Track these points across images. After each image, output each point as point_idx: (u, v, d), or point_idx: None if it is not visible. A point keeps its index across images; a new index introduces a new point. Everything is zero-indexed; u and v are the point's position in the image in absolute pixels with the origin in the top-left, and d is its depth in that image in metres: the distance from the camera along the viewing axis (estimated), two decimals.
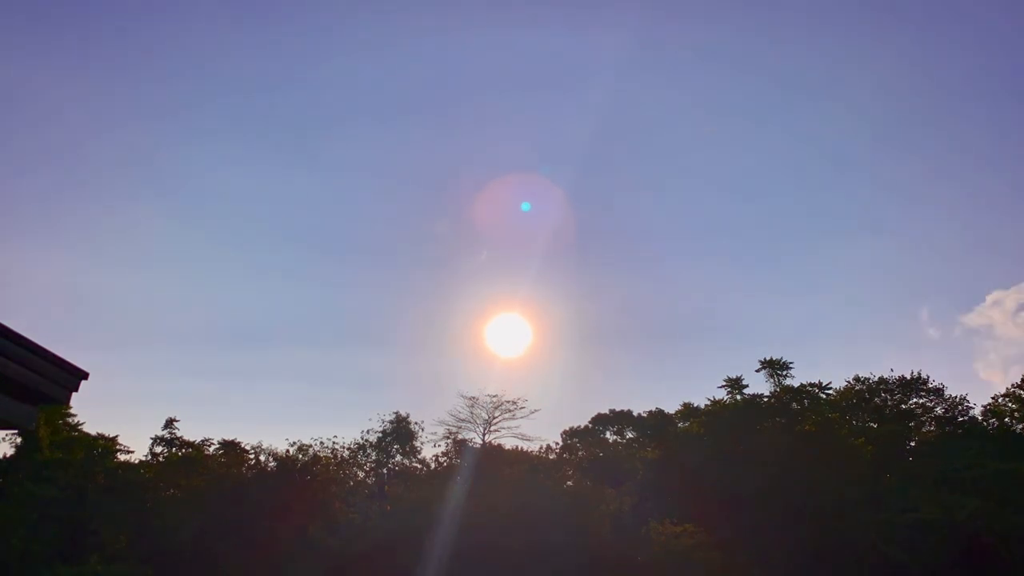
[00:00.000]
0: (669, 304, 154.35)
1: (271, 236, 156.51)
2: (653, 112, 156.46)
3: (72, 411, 48.47)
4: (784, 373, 66.63)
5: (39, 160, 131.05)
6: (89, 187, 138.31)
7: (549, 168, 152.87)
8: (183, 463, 50.98)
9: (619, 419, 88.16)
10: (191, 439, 63.91)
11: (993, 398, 63.94)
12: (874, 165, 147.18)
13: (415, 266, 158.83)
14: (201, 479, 42.94)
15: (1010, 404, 62.62)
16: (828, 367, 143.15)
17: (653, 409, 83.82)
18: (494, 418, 73.32)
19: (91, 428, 50.70)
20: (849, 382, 69.22)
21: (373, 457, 64.91)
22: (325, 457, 46.35)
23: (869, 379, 68.58)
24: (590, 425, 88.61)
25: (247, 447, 54.55)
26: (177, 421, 65.06)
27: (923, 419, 65.44)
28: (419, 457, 67.11)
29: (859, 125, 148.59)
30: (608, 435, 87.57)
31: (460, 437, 72.60)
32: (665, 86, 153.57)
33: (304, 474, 43.03)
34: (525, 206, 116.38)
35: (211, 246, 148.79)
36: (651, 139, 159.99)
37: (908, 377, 67.26)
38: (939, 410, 65.17)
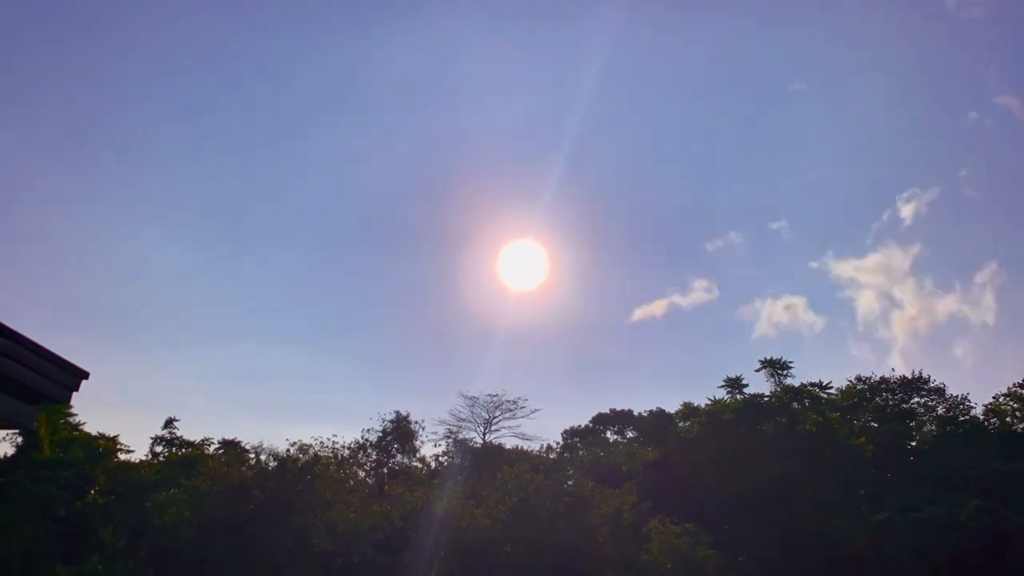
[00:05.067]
0: (668, 303, 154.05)
1: (270, 233, 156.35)
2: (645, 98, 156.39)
3: (72, 411, 48.44)
4: (784, 373, 66.61)
5: (39, 160, 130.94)
6: (89, 186, 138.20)
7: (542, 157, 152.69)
8: (183, 463, 50.90)
9: (619, 419, 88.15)
10: (191, 439, 64.00)
11: (994, 397, 63.98)
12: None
13: (415, 262, 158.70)
14: (201, 479, 42.81)
15: (1011, 403, 62.61)
16: (829, 366, 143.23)
17: (653, 409, 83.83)
18: (494, 418, 73.37)
19: (91, 428, 50.75)
20: (850, 382, 69.22)
21: (373, 457, 64.85)
22: (325, 457, 46.23)
23: (870, 379, 68.60)
24: (591, 425, 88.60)
25: (247, 447, 54.53)
26: (177, 421, 65.18)
27: (924, 418, 65.41)
28: (419, 457, 67.10)
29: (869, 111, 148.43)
30: (609, 435, 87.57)
31: (460, 437, 72.62)
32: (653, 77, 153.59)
33: (304, 474, 42.92)
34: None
35: (211, 244, 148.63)
36: (650, 131, 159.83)
37: (909, 377, 67.28)
38: (940, 409, 65.15)
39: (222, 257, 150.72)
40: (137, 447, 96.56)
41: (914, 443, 63.00)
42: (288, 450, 45.00)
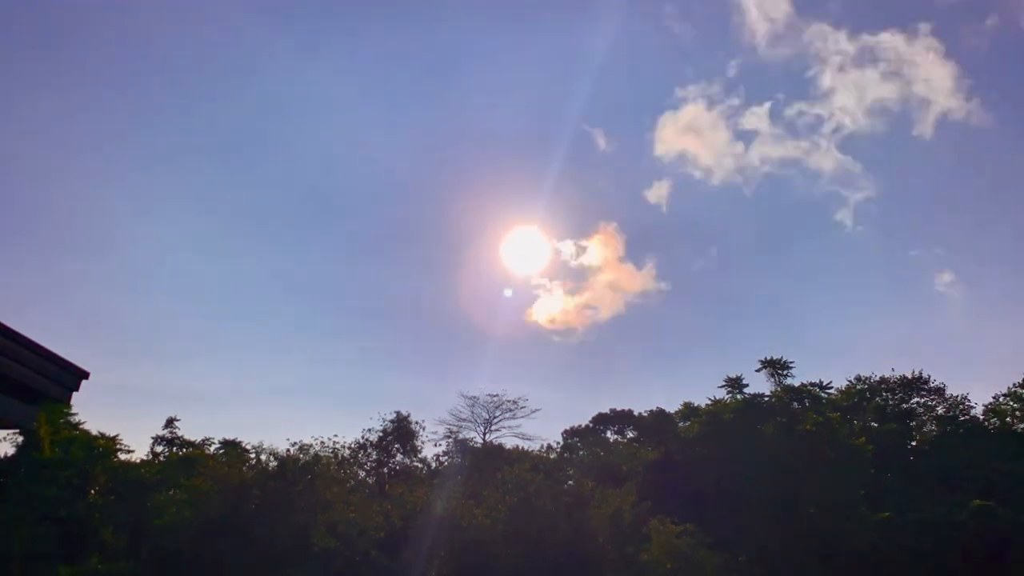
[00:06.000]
0: (669, 303, 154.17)
1: (270, 232, 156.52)
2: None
3: (73, 410, 48.44)
4: (784, 373, 66.66)
5: (39, 156, 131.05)
6: (89, 184, 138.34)
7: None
8: (184, 463, 50.93)
9: (620, 419, 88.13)
10: (192, 438, 64.08)
11: (994, 397, 64.16)
12: None
13: (414, 261, 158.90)
14: (202, 479, 42.84)
15: (1011, 403, 62.70)
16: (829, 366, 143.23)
17: (654, 409, 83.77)
18: (494, 417, 73.50)
19: (91, 428, 50.72)
20: (850, 382, 69.36)
21: (374, 457, 64.88)
22: (326, 457, 46.25)
23: (870, 378, 68.73)
24: (591, 425, 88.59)
25: (248, 447, 54.55)
26: (177, 420, 65.27)
27: (924, 418, 65.58)
28: (420, 457, 67.12)
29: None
30: (609, 435, 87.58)
31: (460, 437, 72.71)
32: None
33: (305, 474, 42.94)
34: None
35: (210, 241, 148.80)
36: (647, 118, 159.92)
37: (909, 376, 67.38)
38: (940, 409, 65.31)
39: (221, 254, 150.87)
40: (137, 447, 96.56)
41: (914, 443, 63.12)
42: (288, 450, 45.01)
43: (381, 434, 64.84)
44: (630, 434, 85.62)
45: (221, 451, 59.44)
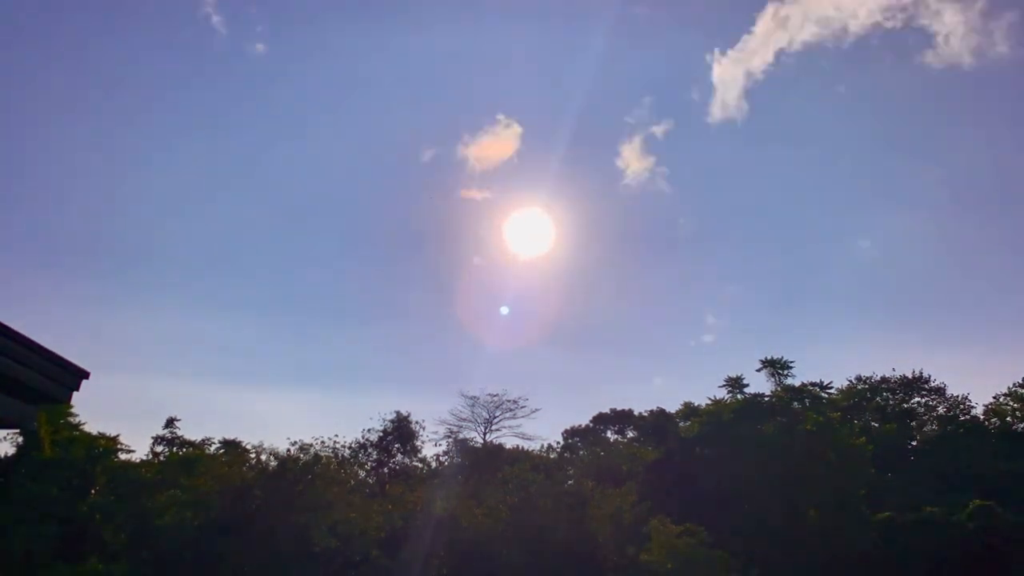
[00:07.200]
0: (669, 304, 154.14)
1: (269, 229, 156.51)
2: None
3: (72, 410, 48.39)
4: (785, 373, 66.65)
5: (39, 158, 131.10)
6: (89, 185, 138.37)
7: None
8: (184, 463, 50.89)
9: (620, 419, 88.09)
10: (192, 438, 64.12)
11: (995, 397, 64.11)
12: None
13: (414, 259, 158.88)
14: (202, 479, 42.86)
15: (1011, 403, 62.68)
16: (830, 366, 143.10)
17: (654, 408, 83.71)
18: (495, 417, 73.49)
19: (91, 428, 50.68)
20: (851, 381, 69.35)
21: (374, 456, 64.88)
22: (326, 457, 46.30)
23: (871, 378, 68.70)
24: (591, 424, 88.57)
25: (248, 446, 54.56)
26: (178, 420, 65.33)
27: (925, 418, 65.56)
28: (420, 456, 67.11)
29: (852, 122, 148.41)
30: (609, 435, 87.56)
31: (461, 436, 72.72)
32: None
33: (305, 474, 42.95)
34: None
35: (210, 239, 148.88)
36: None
37: (910, 376, 67.36)
38: (941, 409, 65.29)
39: (221, 252, 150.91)
40: (137, 447, 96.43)
41: (914, 443, 63.10)
42: (289, 450, 45.05)
43: (381, 434, 64.87)
44: (630, 434, 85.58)
45: (221, 451, 59.44)
